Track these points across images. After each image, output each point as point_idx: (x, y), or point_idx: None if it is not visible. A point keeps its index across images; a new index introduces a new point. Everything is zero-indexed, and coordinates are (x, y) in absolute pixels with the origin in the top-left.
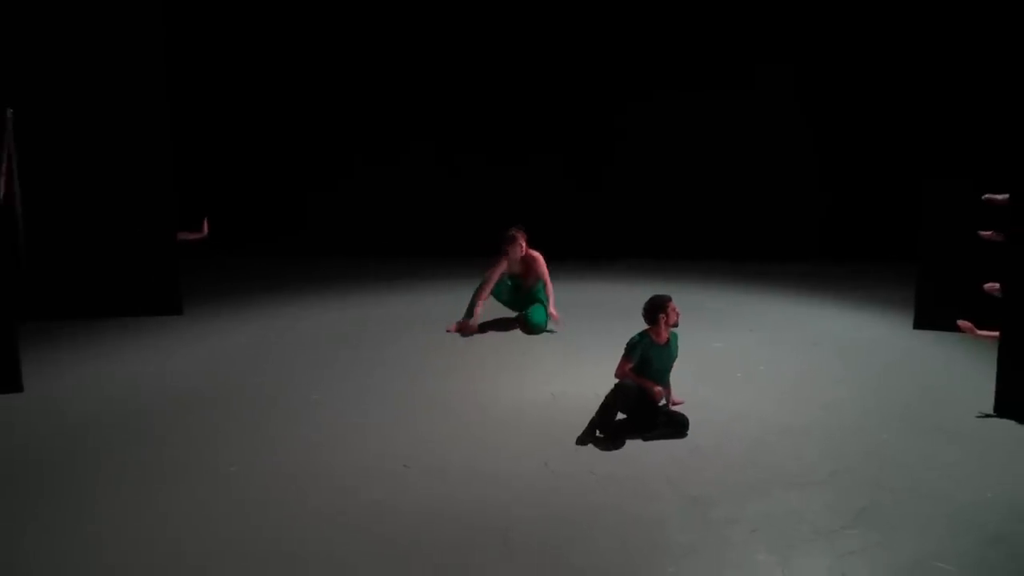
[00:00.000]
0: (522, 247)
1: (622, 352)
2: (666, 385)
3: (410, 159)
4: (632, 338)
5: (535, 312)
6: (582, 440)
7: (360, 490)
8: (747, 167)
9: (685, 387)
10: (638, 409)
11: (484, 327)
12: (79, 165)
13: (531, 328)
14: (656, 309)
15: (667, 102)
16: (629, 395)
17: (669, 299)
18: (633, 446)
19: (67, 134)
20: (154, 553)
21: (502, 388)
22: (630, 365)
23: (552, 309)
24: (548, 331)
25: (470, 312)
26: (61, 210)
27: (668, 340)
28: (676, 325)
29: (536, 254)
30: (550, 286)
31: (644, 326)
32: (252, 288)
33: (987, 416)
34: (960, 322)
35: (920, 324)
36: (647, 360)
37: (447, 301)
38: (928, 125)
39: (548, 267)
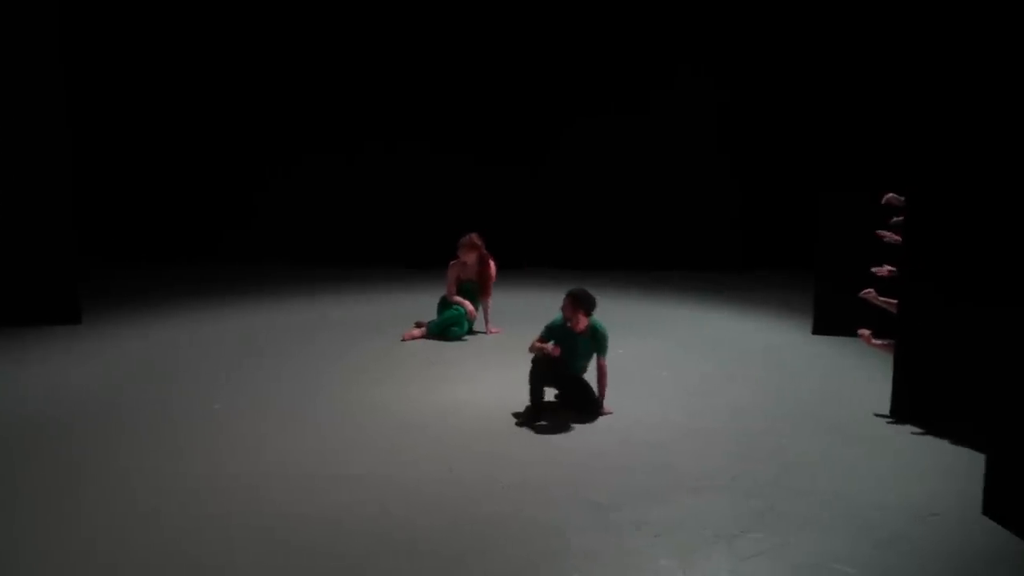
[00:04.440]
0: (477, 248)
1: (533, 355)
2: (579, 370)
3: (323, 164)
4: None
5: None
6: (522, 422)
7: (263, 498)
8: (650, 179)
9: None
10: (556, 377)
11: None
12: None
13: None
14: (570, 300)
15: (582, 115)
16: (541, 363)
17: (581, 291)
18: (535, 452)
19: None
20: (55, 564)
21: (409, 394)
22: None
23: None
24: (462, 339)
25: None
26: None
27: (585, 330)
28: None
29: (490, 260)
30: (489, 298)
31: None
32: (152, 298)
33: (884, 418)
34: (860, 331)
35: (818, 330)
36: (561, 343)
37: (362, 306)
38: (827, 139)
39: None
